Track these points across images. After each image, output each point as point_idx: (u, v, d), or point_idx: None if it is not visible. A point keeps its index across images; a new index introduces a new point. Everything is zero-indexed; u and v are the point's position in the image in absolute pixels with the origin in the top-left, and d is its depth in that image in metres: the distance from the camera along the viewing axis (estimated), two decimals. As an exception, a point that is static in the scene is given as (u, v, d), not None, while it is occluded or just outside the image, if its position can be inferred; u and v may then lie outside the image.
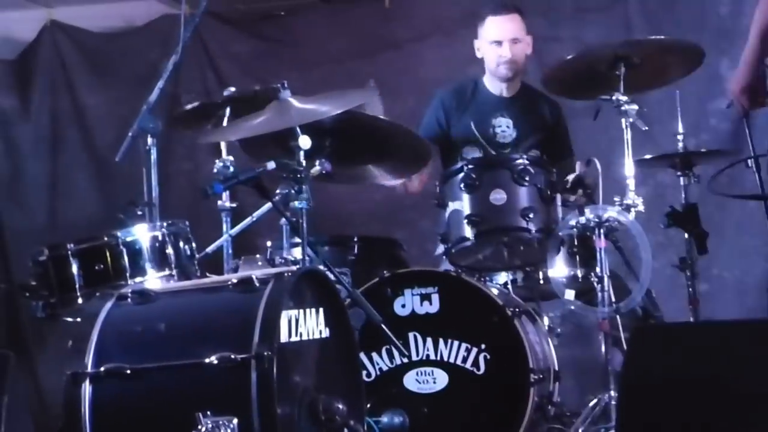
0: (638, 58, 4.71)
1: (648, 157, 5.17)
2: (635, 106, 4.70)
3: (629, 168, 4.67)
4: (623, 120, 4.69)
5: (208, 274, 4.34)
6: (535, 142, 5.43)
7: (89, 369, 3.54)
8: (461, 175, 4.67)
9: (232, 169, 4.60)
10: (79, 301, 4.11)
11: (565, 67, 4.88)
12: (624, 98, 4.69)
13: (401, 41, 7.36)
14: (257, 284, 3.57)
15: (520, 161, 4.66)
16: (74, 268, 4.15)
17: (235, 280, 3.64)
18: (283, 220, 4.38)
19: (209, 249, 4.65)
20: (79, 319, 3.70)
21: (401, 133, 4.69)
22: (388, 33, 7.41)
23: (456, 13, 7.29)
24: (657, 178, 6.13)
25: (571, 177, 4.85)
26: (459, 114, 5.51)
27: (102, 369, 3.53)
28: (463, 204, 4.66)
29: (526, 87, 5.57)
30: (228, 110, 4.75)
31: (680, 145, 5.17)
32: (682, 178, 5.17)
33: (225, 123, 4.72)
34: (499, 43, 5.43)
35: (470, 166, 4.68)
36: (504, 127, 5.47)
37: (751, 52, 4.02)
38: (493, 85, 5.54)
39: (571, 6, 6.99)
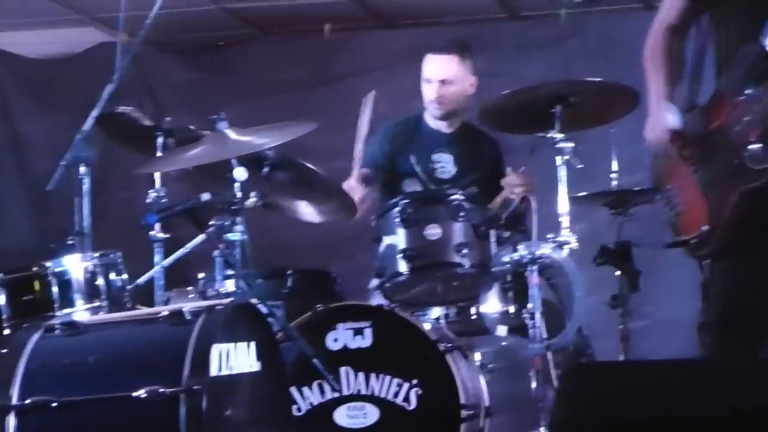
0: (576, 98, 4.73)
1: (582, 194, 5.21)
2: (571, 144, 4.72)
3: (564, 205, 4.69)
4: (558, 157, 4.71)
5: (139, 307, 4.29)
6: (474, 180, 5.44)
7: (14, 402, 3.48)
8: (397, 209, 4.68)
9: (165, 199, 4.57)
10: (6, 332, 4.05)
11: (502, 102, 4.90)
12: (560, 136, 4.70)
13: (342, 75, 7.37)
14: (188, 317, 3.54)
15: (455, 197, 4.67)
16: (2, 299, 4.09)
17: (165, 313, 3.60)
18: (217, 252, 4.35)
19: (140, 280, 4.60)
20: (5, 351, 3.63)
21: (330, 186, 4.75)
22: (329, 66, 7.43)
23: (398, 48, 7.31)
24: (592, 216, 6.16)
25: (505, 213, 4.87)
26: (403, 147, 5.53)
27: (28, 402, 3.47)
28: (398, 238, 4.66)
29: (467, 124, 5.60)
30: (165, 140, 4.72)
31: (614, 183, 5.21)
32: (616, 216, 5.21)
33: (159, 153, 4.69)
34: (429, 81, 5.46)
35: (406, 201, 4.69)
36: (444, 162, 5.49)
37: (661, 88, 3.93)
38: (433, 121, 5.57)
39: (511, 43, 7.04)
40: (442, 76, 5.46)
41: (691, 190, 3.69)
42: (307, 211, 4.91)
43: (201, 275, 4.84)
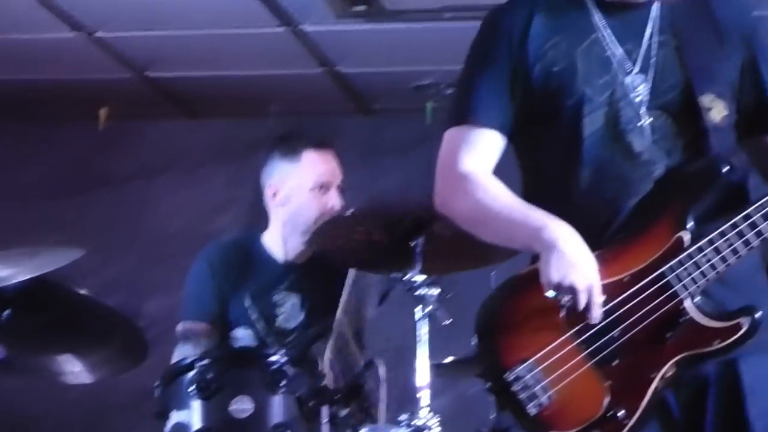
0: (443, 228, 4.78)
1: (449, 360, 5.28)
2: (436, 290, 4.77)
3: (423, 375, 4.75)
4: (418, 308, 4.77)
5: None
6: (324, 331, 5.43)
7: None
8: (192, 373, 4.68)
9: None
10: None
11: (343, 225, 4.94)
12: (421, 278, 4.77)
13: (120, 176, 7.39)
14: None
15: (274, 358, 4.70)
16: None
17: None
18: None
19: None
20: None
21: (112, 317, 4.71)
22: (101, 164, 7.43)
23: (201, 141, 7.36)
24: (460, 390, 6.24)
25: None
26: (236, 283, 5.54)
27: None
28: (192, 415, 4.66)
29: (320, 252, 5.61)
30: None
31: (494, 346, 5.30)
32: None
33: None
34: (325, 188, 5.52)
35: (205, 362, 4.69)
36: (288, 305, 5.49)
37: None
38: (279, 247, 5.57)
39: (361, 145, 7.12)
40: (341, 177, 5.57)
41: (572, 364, 3.64)
42: (71, 368, 4.83)
43: None
